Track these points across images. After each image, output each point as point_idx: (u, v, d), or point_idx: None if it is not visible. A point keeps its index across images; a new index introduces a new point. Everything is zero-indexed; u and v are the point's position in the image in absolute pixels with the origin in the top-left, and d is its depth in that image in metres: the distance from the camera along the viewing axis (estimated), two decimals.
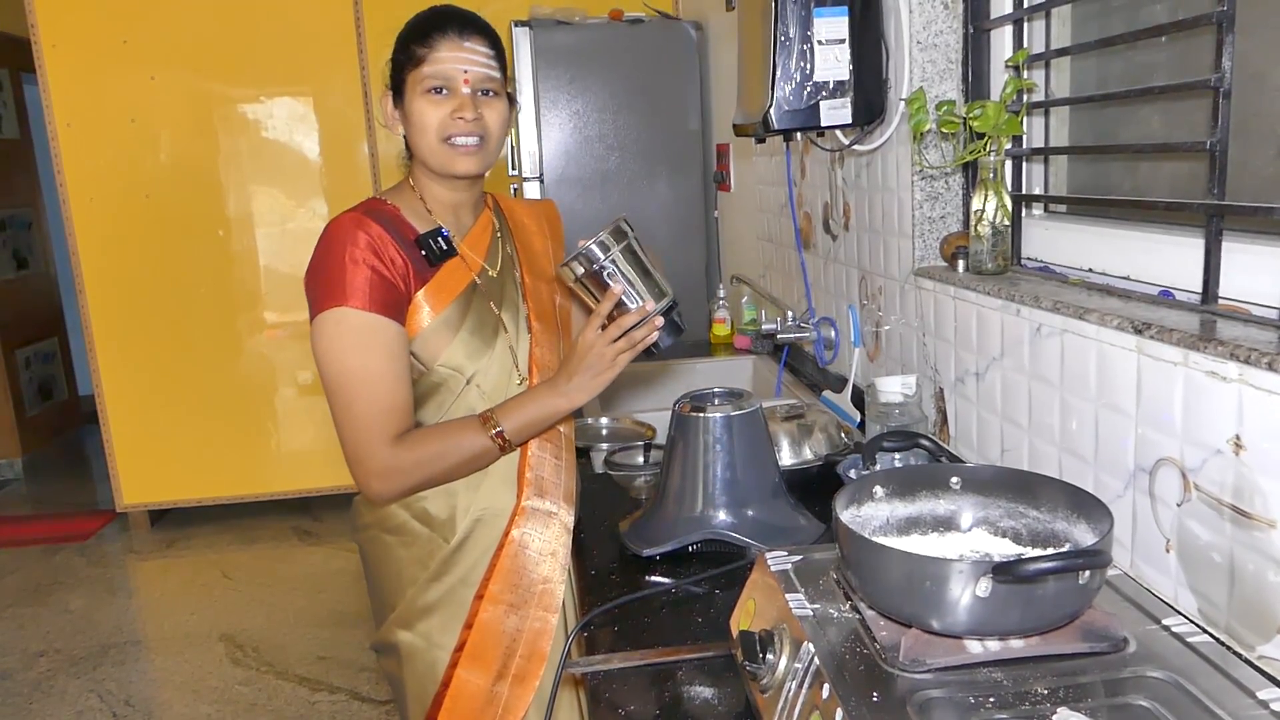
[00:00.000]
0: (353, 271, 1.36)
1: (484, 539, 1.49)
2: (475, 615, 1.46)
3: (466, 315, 1.47)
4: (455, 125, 1.42)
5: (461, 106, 1.41)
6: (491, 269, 1.54)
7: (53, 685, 3.22)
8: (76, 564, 4.22)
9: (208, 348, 4.34)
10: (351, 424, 1.38)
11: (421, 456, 1.40)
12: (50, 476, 5.48)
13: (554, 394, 1.41)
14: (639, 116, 3.76)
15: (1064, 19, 1.57)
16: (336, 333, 1.36)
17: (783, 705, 0.91)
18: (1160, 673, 0.85)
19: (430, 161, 1.45)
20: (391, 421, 1.38)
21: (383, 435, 1.37)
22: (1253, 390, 0.94)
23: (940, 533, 1.09)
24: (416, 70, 1.42)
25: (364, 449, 1.38)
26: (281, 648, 3.38)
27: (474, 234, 1.55)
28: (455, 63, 1.41)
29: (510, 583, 1.48)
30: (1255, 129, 1.16)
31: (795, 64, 1.70)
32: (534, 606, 1.48)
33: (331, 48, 4.21)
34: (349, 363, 1.36)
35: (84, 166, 4.14)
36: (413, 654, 1.49)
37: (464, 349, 1.45)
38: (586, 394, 1.40)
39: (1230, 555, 0.99)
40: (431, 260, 1.45)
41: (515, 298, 1.56)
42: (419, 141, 1.44)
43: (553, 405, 1.42)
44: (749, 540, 1.39)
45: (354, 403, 1.37)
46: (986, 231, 1.52)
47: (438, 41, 1.41)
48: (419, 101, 1.42)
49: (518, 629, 1.47)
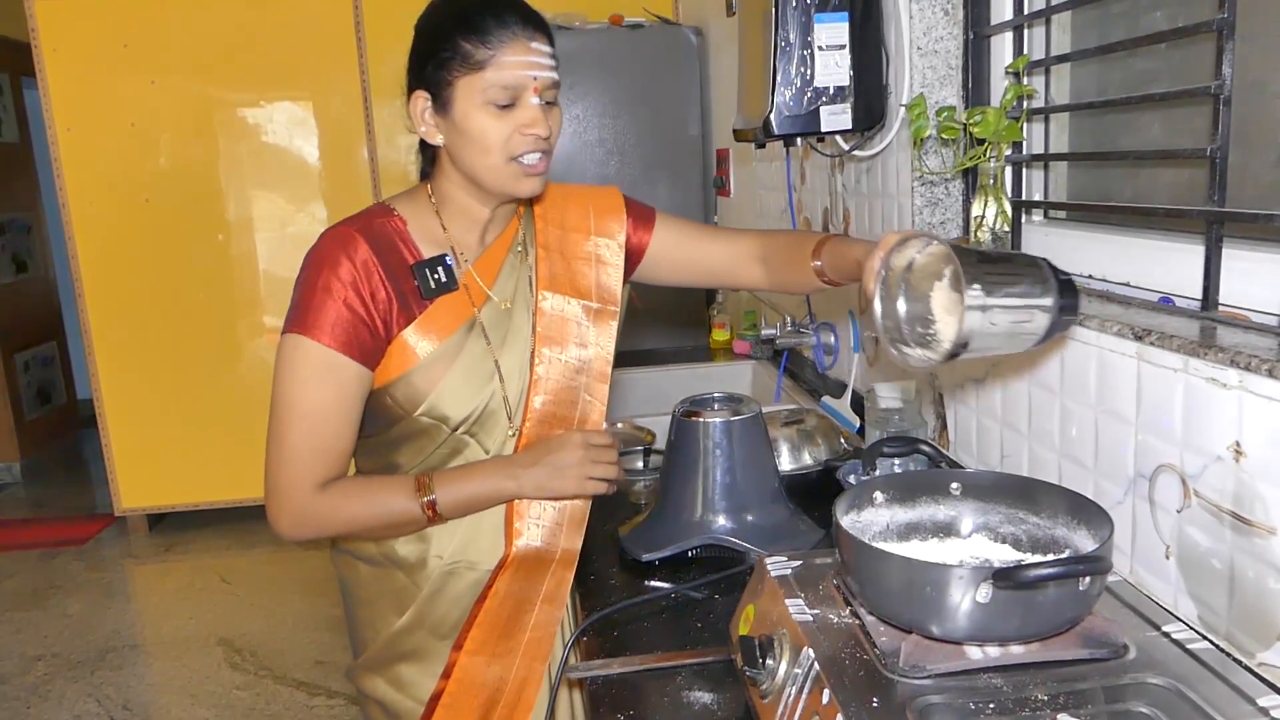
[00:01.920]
0: (323, 302, 1.23)
1: (455, 589, 1.38)
2: (453, 665, 1.35)
3: (458, 358, 1.31)
4: (525, 142, 1.24)
5: (533, 122, 1.23)
6: (502, 299, 1.37)
7: (50, 690, 3.21)
8: (75, 568, 4.21)
9: (207, 352, 4.34)
10: (279, 456, 1.26)
11: (340, 509, 1.28)
12: (49, 480, 5.48)
13: (504, 475, 1.31)
14: (639, 121, 3.76)
15: (1064, 26, 1.57)
16: (292, 360, 1.24)
17: (782, 711, 0.91)
18: (1160, 679, 0.85)
19: (488, 181, 1.27)
20: (321, 465, 1.26)
21: (308, 478, 1.26)
22: (1253, 397, 0.94)
23: (940, 538, 1.09)
24: (474, 76, 1.21)
25: (285, 486, 1.26)
26: (280, 652, 3.38)
27: (489, 254, 1.37)
28: (523, 69, 1.21)
29: (495, 634, 1.36)
30: (1255, 136, 1.16)
31: (796, 69, 1.70)
32: (520, 656, 1.36)
33: (331, 52, 4.22)
34: (295, 395, 1.24)
35: (84, 171, 4.14)
36: (385, 701, 1.41)
37: (451, 398, 1.31)
38: (537, 492, 1.31)
39: (1230, 562, 0.99)
40: (424, 293, 1.30)
41: (525, 329, 1.38)
42: (474, 160, 1.25)
43: (497, 487, 1.31)
44: (749, 545, 1.39)
45: (288, 435, 1.25)
46: (986, 237, 1.52)
47: (502, 41, 1.20)
48: (479, 115, 1.22)
49: (501, 678, 1.35)
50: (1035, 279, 1.06)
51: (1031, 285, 1.05)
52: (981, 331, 1.02)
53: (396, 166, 4.29)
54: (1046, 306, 1.05)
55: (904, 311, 1.12)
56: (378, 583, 1.40)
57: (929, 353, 1.07)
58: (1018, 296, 1.04)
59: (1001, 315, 1.03)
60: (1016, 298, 1.04)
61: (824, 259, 1.36)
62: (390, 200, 1.37)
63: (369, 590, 1.42)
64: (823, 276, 1.37)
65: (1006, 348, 1.08)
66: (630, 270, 1.50)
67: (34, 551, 4.41)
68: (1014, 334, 1.05)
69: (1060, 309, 1.06)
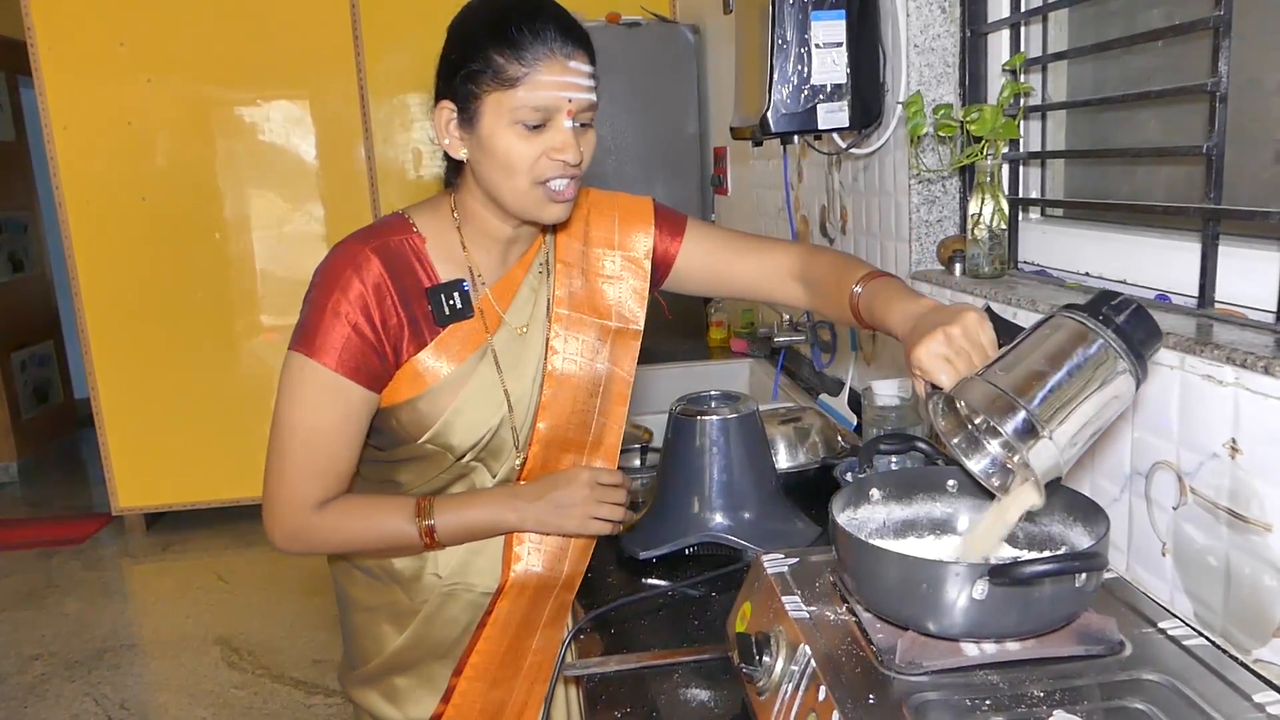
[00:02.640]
0: (331, 325, 1.18)
1: (452, 610, 1.36)
2: (453, 690, 1.34)
3: (466, 385, 1.26)
4: (553, 167, 1.16)
5: (564, 146, 1.15)
6: (518, 324, 1.31)
7: (48, 689, 3.21)
8: (72, 567, 4.20)
9: (204, 351, 4.33)
10: (279, 473, 1.23)
11: (338, 529, 1.25)
12: (46, 480, 5.47)
13: (506, 506, 1.28)
14: (636, 120, 3.76)
15: (1061, 23, 1.57)
16: (297, 380, 1.20)
17: (779, 707, 0.91)
18: (1156, 676, 0.85)
19: (510, 203, 1.20)
20: (319, 486, 1.23)
21: (306, 498, 1.23)
22: (1249, 394, 0.94)
23: (937, 535, 1.09)
24: (505, 93, 1.12)
25: (283, 505, 1.23)
26: (277, 651, 3.38)
27: (509, 276, 1.31)
28: (558, 89, 1.13)
29: (495, 660, 1.35)
30: (1252, 133, 1.17)
31: (793, 67, 1.70)
32: (522, 679, 1.35)
33: (329, 51, 4.21)
34: (296, 416, 1.21)
35: (80, 169, 4.13)
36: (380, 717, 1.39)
37: (457, 427, 1.27)
38: (539, 527, 1.28)
39: (1226, 559, 0.99)
40: (438, 320, 1.24)
41: (538, 352, 1.33)
42: (498, 181, 1.18)
43: (498, 518, 1.28)
44: (746, 543, 1.39)
45: (288, 454, 1.22)
46: (983, 235, 1.52)
47: (537, 57, 1.12)
48: (506, 134, 1.14)
49: (502, 701, 1.35)
50: (1096, 359, 0.89)
51: (1094, 368, 0.89)
52: (1068, 455, 0.89)
53: (394, 165, 4.28)
54: (1120, 370, 0.90)
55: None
56: (375, 594, 1.38)
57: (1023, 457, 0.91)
58: (1083, 400, 0.89)
59: (1075, 427, 0.88)
60: (1083, 404, 0.89)
61: (864, 297, 1.24)
62: (410, 211, 1.29)
63: (367, 600, 1.40)
64: (857, 313, 1.25)
65: (1108, 422, 0.93)
66: (659, 281, 1.44)
67: (31, 551, 4.40)
68: (1101, 416, 0.91)
69: (1137, 357, 0.90)
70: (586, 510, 1.29)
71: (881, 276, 1.25)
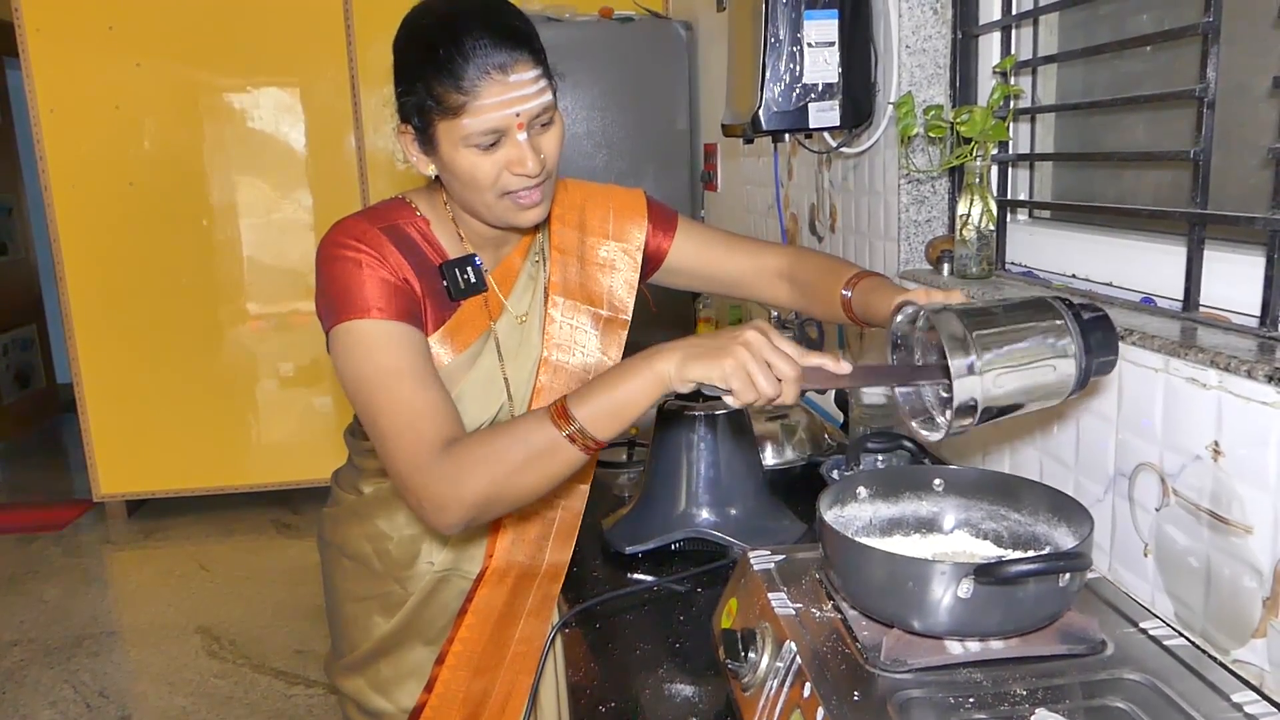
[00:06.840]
0: (361, 282, 1.14)
1: (445, 596, 1.36)
2: (435, 680, 1.31)
3: (469, 374, 1.26)
4: (516, 180, 1.15)
5: (519, 159, 1.14)
6: (519, 312, 1.31)
7: (26, 675, 3.19)
8: (52, 553, 4.18)
9: (189, 338, 4.31)
10: (395, 442, 1.11)
11: (477, 455, 1.08)
12: (27, 465, 5.43)
13: (651, 357, 1.04)
14: (627, 115, 3.75)
15: (1051, 27, 1.58)
16: (354, 343, 1.14)
17: (764, 704, 0.91)
18: (1137, 675, 0.86)
19: (485, 216, 1.21)
20: (433, 424, 1.11)
21: (430, 441, 1.09)
22: (1231, 397, 0.95)
23: (922, 534, 1.10)
24: (453, 121, 1.11)
25: (415, 466, 1.09)
26: (259, 640, 3.37)
27: (507, 263, 1.32)
28: (503, 109, 1.11)
29: (478, 648, 1.31)
30: (1238, 139, 1.18)
31: (785, 66, 1.70)
32: (505, 669, 1.31)
33: (319, 38, 4.18)
34: (369, 371, 1.12)
35: (67, 153, 4.09)
36: (365, 704, 1.39)
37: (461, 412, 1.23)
38: (683, 363, 1.01)
39: (1207, 560, 1.00)
40: (453, 294, 1.23)
41: (535, 338, 1.33)
42: (468, 196, 1.19)
43: (647, 369, 1.03)
44: (732, 539, 1.39)
45: (387, 414, 1.11)
46: (971, 236, 1.53)
47: (475, 82, 1.09)
48: (464, 155, 1.13)
49: (485, 691, 1.30)
50: (1047, 328, 0.98)
51: (1044, 335, 0.98)
52: (992, 395, 0.96)
53: (384, 154, 4.26)
54: (1067, 353, 0.98)
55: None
56: (365, 583, 1.38)
57: (951, 420, 1.00)
58: (1023, 352, 0.97)
59: (1009, 376, 0.96)
60: (1022, 354, 0.97)
61: (855, 296, 1.29)
62: (409, 195, 1.29)
63: (356, 589, 1.40)
64: (850, 313, 1.30)
65: (1037, 404, 1.00)
66: (648, 275, 1.45)
67: (10, 536, 4.37)
68: (1034, 388, 0.98)
69: (1087, 350, 0.98)
70: (742, 359, 0.98)
71: (869, 276, 1.31)
